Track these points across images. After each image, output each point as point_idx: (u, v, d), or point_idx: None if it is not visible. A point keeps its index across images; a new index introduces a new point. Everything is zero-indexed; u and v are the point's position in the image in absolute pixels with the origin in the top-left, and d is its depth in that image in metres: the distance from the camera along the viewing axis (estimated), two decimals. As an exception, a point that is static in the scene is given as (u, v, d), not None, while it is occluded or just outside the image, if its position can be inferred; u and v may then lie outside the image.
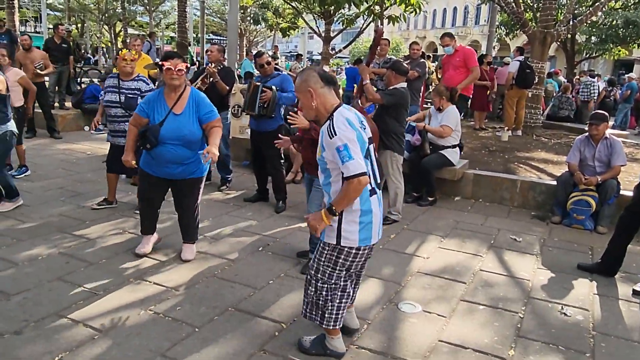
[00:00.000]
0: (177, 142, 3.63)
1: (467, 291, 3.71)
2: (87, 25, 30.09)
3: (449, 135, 5.73)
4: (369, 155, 2.61)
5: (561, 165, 6.65)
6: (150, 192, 3.90)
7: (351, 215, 2.53)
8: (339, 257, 2.61)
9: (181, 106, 3.68)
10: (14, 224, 4.55)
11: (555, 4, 9.47)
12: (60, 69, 9.70)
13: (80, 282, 3.52)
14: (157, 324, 3.04)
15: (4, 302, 3.18)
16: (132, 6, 27.26)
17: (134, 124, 3.76)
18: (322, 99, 2.55)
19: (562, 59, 23.89)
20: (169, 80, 3.60)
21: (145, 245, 4.01)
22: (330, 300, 2.64)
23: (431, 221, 5.30)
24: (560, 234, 5.10)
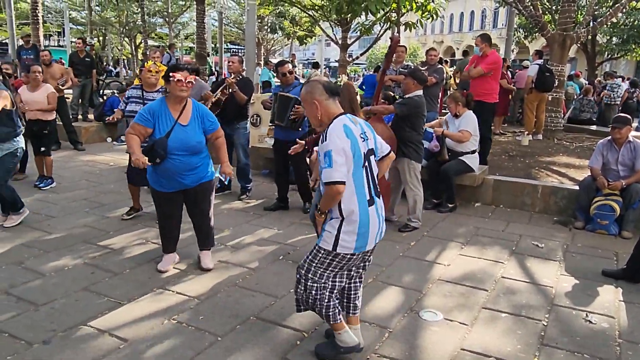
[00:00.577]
0: (185, 152, 3.66)
1: (489, 299, 3.68)
2: (109, 38, 30.68)
3: (468, 140, 5.69)
4: (368, 166, 2.67)
5: (583, 170, 6.55)
6: (168, 209, 3.89)
7: (351, 226, 2.61)
8: (332, 261, 2.69)
9: (186, 117, 3.69)
10: (40, 235, 4.67)
11: (574, 5, 9.35)
12: (83, 82, 9.96)
13: (105, 292, 3.59)
14: (181, 333, 3.08)
15: (33, 312, 3.27)
16: (152, 18, 27.77)
17: (134, 133, 3.61)
18: (326, 109, 2.65)
19: (583, 60, 23.54)
20: (177, 92, 3.59)
21: (169, 264, 3.99)
22: (319, 299, 2.72)
23: (451, 228, 5.27)
24: (583, 240, 5.02)
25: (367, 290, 3.73)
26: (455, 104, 5.82)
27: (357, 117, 2.79)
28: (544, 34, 9.23)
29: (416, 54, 39.01)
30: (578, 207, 5.44)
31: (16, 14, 18.74)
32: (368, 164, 2.67)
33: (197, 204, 3.91)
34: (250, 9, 9.25)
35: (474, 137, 5.77)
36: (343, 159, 2.51)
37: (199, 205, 3.93)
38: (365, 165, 2.64)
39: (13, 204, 4.88)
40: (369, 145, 2.69)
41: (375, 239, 2.73)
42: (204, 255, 4.07)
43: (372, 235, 2.68)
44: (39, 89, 6.35)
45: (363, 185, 2.62)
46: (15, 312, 3.27)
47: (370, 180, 2.67)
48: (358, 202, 2.60)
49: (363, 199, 2.61)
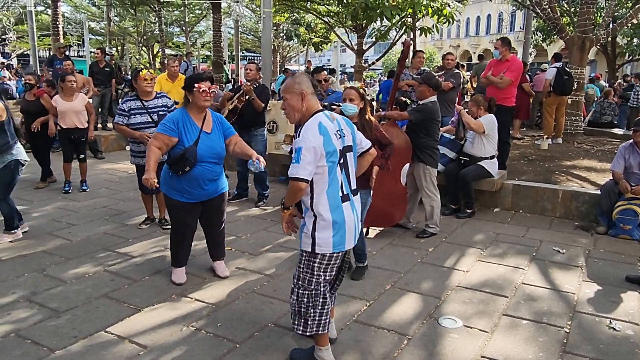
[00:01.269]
0: (212, 159, 3.71)
1: (509, 305, 3.63)
2: (127, 47, 31.22)
3: (479, 130, 5.59)
4: (344, 163, 2.70)
5: (605, 173, 6.45)
6: (188, 220, 3.86)
7: (324, 223, 2.62)
8: (314, 263, 2.68)
9: (209, 125, 3.75)
10: (62, 243, 4.75)
11: (593, 7, 9.23)
12: (103, 91, 10.15)
13: (125, 299, 3.64)
14: (199, 340, 3.10)
15: (55, 319, 3.33)
16: (169, 28, 28.20)
17: (158, 146, 3.58)
18: (309, 103, 2.67)
19: (603, 62, 23.21)
20: (202, 102, 3.63)
21: (182, 276, 3.94)
22: (312, 307, 2.70)
23: (470, 233, 5.23)
24: (606, 245, 4.94)
25: (385, 296, 3.73)
26: (477, 107, 5.79)
27: (335, 114, 2.81)
28: (563, 36, 9.13)
29: (432, 59, 38.85)
30: (600, 211, 5.35)
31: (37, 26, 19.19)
32: (344, 161, 2.69)
33: (216, 214, 3.94)
34: (266, 17, 9.33)
35: (492, 141, 5.72)
36: (312, 157, 2.53)
37: (217, 215, 3.96)
38: (341, 162, 2.67)
39: (10, 222, 4.78)
40: (345, 142, 2.70)
41: (353, 237, 2.75)
42: (219, 265, 4.10)
43: (349, 232, 2.70)
44: (75, 98, 6.56)
45: (337, 182, 2.66)
46: (37, 318, 3.32)
47: (345, 177, 2.71)
48: (331, 199, 2.63)
49: (336, 196, 2.65)
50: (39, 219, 5.48)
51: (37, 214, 5.70)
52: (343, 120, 2.78)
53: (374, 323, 3.33)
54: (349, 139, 2.75)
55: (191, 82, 3.65)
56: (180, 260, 3.96)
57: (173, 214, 3.89)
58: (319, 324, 2.70)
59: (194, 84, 3.61)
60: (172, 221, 3.99)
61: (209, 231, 4.03)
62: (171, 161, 3.60)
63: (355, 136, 2.83)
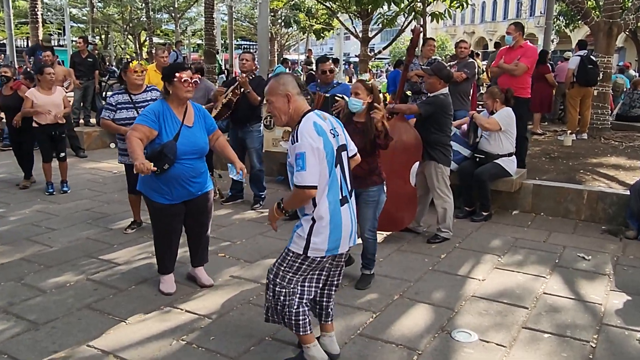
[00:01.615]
0: (194, 155, 3.70)
1: (529, 317, 3.62)
2: (111, 36, 31.31)
3: (494, 129, 5.59)
4: (340, 163, 2.77)
5: (635, 172, 6.44)
6: (173, 224, 3.83)
7: (322, 227, 2.70)
8: (302, 265, 2.77)
9: (190, 118, 3.73)
10: (41, 249, 4.76)
11: (621, -10, 9.23)
12: (85, 84, 10.18)
13: (110, 310, 3.64)
14: (190, 355, 3.10)
15: (33, 332, 3.33)
16: (157, 14, 28.24)
17: (139, 137, 3.49)
18: (297, 104, 2.73)
19: (633, 50, 23.15)
20: (184, 93, 3.60)
21: (172, 285, 3.92)
22: (288, 305, 2.78)
23: (486, 238, 5.22)
24: (636, 251, 4.92)
25: (393, 307, 3.73)
26: (493, 100, 5.77)
27: (326, 113, 2.88)
28: (588, 21, 9.11)
29: (445, 47, 38.79)
30: (630, 214, 5.34)
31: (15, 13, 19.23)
32: (340, 160, 2.77)
33: (201, 215, 3.92)
34: (262, 2, 9.34)
35: (510, 137, 5.71)
36: (317, 160, 2.60)
37: (202, 216, 3.94)
38: (337, 162, 2.74)
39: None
40: (339, 141, 2.78)
41: (348, 241, 2.83)
42: (201, 272, 4.07)
43: (345, 237, 2.78)
44: (54, 91, 6.62)
45: (337, 184, 2.73)
46: (14, 331, 3.33)
47: (342, 178, 2.78)
48: (331, 202, 2.70)
49: (335, 199, 2.72)
50: (16, 223, 5.50)
51: (15, 217, 5.72)
52: (334, 119, 2.87)
53: (380, 337, 3.33)
54: (342, 137, 2.85)
55: (171, 71, 3.61)
56: (167, 266, 3.94)
57: (155, 217, 3.85)
58: (297, 324, 2.79)
59: (174, 73, 3.56)
60: (154, 225, 3.93)
61: (194, 234, 3.99)
62: (149, 158, 3.48)
63: (346, 135, 2.92)
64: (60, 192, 6.66)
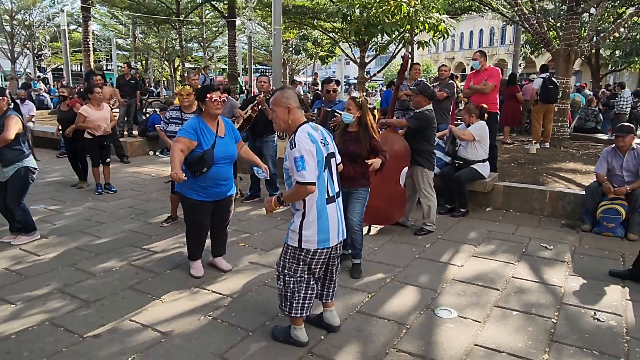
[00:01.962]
0: (226, 160, 3.75)
1: (500, 297, 3.60)
2: (150, 61, 31.40)
3: (469, 139, 5.59)
4: (329, 167, 2.79)
5: (589, 175, 6.39)
6: (204, 218, 3.84)
7: (311, 222, 2.71)
8: (300, 256, 2.76)
9: (222, 130, 3.77)
10: (91, 240, 4.78)
11: (577, 22, 9.16)
12: (128, 102, 10.22)
13: (148, 290, 3.65)
14: (216, 329, 3.11)
15: (85, 309, 3.35)
16: (189, 43, 28.32)
17: (181, 148, 3.55)
18: (295, 116, 2.74)
19: (588, 73, 22.98)
20: (214, 110, 3.65)
21: (201, 269, 3.95)
22: (297, 291, 2.79)
23: (464, 231, 5.20)
24: (590, 242, 4.89)
25: (385, 289, 3.72)
26: (469, 115, 5.77)
27: (319, 125, 2.89)
28: (550, 49, 9.06)
29: (429, 70, 38.65)
30: (585, 211, 5.31)
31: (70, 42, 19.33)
32: (329, 166, 2.79)
33: (225, 213, 3.96)
34: (276, 33, 9.35)
35: (483, 146, 5.69)
36: (313, 161, 2.62)
37: (226, 214, 3.97)
38: (326, 167, 2.75)
39: (26, 225, 4.66)
40: (329, 149, 2.81)
41: (337, 235, 2.83)
42: (220, 261, 4.09)
43: (332, 231, 2.77)
44: (102, 107, 6.65)
45: (324, 185, 2.73)
46: (69, 308, 3.35)
47: (330, 180, 2.79)
48: (318, 200, 2.70)
49: (322, 197, 2.72)
50: (70, 218, 5.52)
51: (69, 213, 5.74)
52: (325, 131, 2.89)
53: (375, 313, 3.32)
54: (332, 146, 2.87)
55: (203, 92, 3.66)
56: (196, 253, 3.96)
57: (189, 211, 3.87)
58: (302, 306, 2.81)
59: (206, 94, 3.63)
60: (187, 219, 3.94)
61: (218, 229, 4.00)
62: (190, 163, 3.60)
63: (334, 145, 2.93)
64: (110, 192, 6.69)
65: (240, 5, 16.85)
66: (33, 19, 29.44)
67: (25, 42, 30.30)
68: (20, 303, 3.41)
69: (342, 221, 2.89)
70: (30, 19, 29.26)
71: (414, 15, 8.18)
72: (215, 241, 4.06)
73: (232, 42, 15.95)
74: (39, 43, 30.69)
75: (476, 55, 6.83)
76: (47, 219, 5.46)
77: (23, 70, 30.67)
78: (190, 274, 3.92)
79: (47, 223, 5.29)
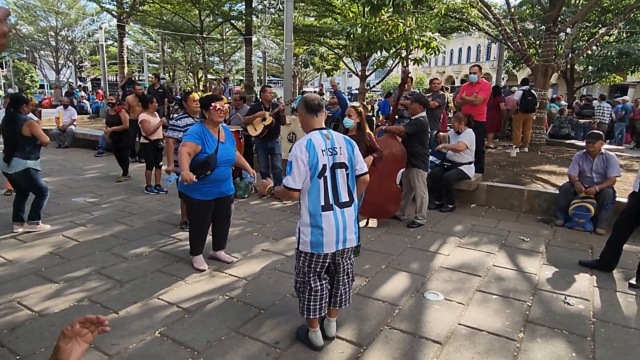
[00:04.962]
0: (227, 164, 3.64)
1: (482, 283, 3.61)
2: (177, 73, 31.51)
3: (463, 149, 5.60)
4: (332, 176, 2.47)
5: (563, 177, 6.36)
6: (206, 214, 3.71)
7: (304, 227, 2.51)
8: (300, 257, 2.58)
9: (223, 136, 3.65)
10: (124, 228, 4.82)
11: (554, 40, 9.10)
12: (157, 108, 10.25)
13: (174, 272, 3.68)
14: (232, 307, 3.14)
15: (119, 288, 3.39)
16: (211, 57, 28.38)
17: (188, 151, 3.42)
18: (305, 122, 2.61)
19: (563, 86, 22.80)
20: (216, 118, 3.51)
21: (203, 262, 3.81)
22: (301, 292, 2.60)
23: (451, 225, 5.20)
24: (563, 235, 4.87)
25: (381, 274, 3.73)
26: (459, 123, 5.76)
27: (334, 133, 2.57)
28: (529, 64, 9.02)
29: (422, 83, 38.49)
30: (558, 208, 5.28)
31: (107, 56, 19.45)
32: (332, 175, 2.47)
33: (226, 210, 3.82)
34: (287, 49, 9.39)
35: (469, 151, 5.69)
36: (300, 169, 2.41)
37: (227, 211, 3.84)
38: (325, 176, 2.45)
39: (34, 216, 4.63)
40: (337, 159, 2.48)
41: (336, 243, 2.49)
42: (221, 254, 3.95)
43: (328, 238, 2.46)
44: (156, 115, 6.51)
45: (319, 193, 2.44)
46: (105, 287, 3.39)
47: (332, 190, 2.48)
48: (312, 207, 2.46)
49: (317, 205, 2.45)
50: (106, 209, 5.57)
51: (106, 204, 5.79)
52: (344, 141, 2.56)
53: (371, 295, 3.34)
54: (344, 157, 2.51)
55: (208, 101, 3.51)
56: (198, 249, 3.81)
57: (192, 211, 3.73)
58: (308, 308, 2.56)
59: (211, 103, 3.50)
60: (190, 217, 3.80)
61: (219, 224, 3.85)
62: (195, 166, 3.44)
63: (352, 157, 2.56)
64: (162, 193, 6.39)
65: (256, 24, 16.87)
66: (75, 35, 29.66)
67: (68, 55, 30.53)
68: (62, 282, 3.46)
69: (345, 230, 2.51)
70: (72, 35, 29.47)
71: (409, 33, 8.16)
72: (217, 235, 3.91)
73: (248, 57, 15.96)
74: (80, 56, 30.92)
75: (475, 69, 6.75)
76: (86, 209, 5.51)
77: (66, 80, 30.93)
78: (195, 268, 3.75)
79: (86, 213, 5.34)
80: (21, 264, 3.79)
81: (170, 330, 2.80)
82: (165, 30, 21.17)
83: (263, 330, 2.83)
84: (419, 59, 9.60)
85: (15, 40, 28.22)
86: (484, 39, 27.46)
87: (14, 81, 30.01)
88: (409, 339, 2.76)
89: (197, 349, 2.61)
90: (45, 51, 30.51)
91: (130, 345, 2.64)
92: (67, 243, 4.33)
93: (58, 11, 26.79)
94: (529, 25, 16.14)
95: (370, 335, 2.79)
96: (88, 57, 31.72)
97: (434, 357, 2.58)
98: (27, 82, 31.73)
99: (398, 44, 8.72)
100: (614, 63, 17.36)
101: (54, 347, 1.09)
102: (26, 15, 26.39)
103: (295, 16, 15.77)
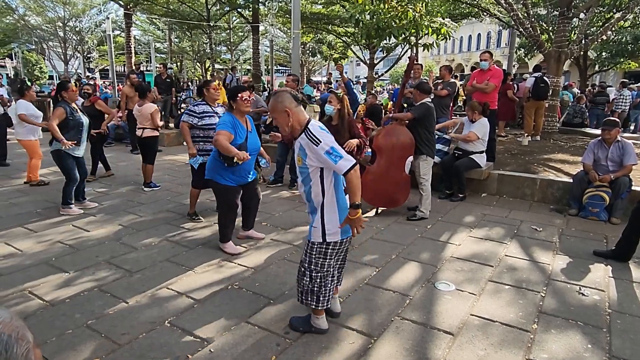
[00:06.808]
0: (255, 152, 3.83)
1: (494, 273, 3.55)
2: (184, 63, 31.45)
3: (472, 140, 5.50)
4: None
5: (576, 165, 6.23)
6: (235, 200, 3.82)
7: (333, 215, 2.43)
8: (327, 250, 2.50)
9: (249, 126, 3.81)
10: (133, 218, 4.83)
11: (568, 26, 8.85)
12: (165, 98, 10.27)
13: (183, 262, 3.68)
14: (241, 296, 3.13)
15: (128, 278, 3.39)
16: (218, 47, 28.25)
17: (227, 139, 3.48)
18: (297, 116, 2.41)
19: (576, 72, 22.32)
20: (244, 108, 3.65)
21: (235, 247, 3.91)
22: (324, 285, 2.55)
23: (462, 214, 5.12)
24: (577, 225, 4.78)
25: (391, 264, 3.69)
26: (473, 112, 5.66)
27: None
28: (542, 51, 8.79)
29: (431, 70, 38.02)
30: (572, 197, 5.18)
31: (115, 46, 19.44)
32: None
33: (254, 192, 4.04)
34: (295, 37, 9.26)
35: (482, 140, 5.59)
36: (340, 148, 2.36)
37: (255, 194, 4.07)
38: None
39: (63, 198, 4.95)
40: None
41: None
42: (252, 232, 4.23)
43: None
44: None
45: (339, 176, 2.42)
46: (115, 277, 3.40)
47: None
48: (338, 192, 2.44)
49: (341, 188, 2.46)
50: (116, 199, 5.59)
51: (115, 195, 5.81)
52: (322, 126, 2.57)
53: (381, 285, 3.31)
54: None
55: (235, 92, 3.64)
56: (228, 234, 3.89)
57: (222, 196, 3.80)
58: (324, 299, 2.58)
59: (238, 93, 3.62)
60: (220, 203, 3.86)
61: (249, 207, 4.09)
62: (227, 155, 3.50)
63: None
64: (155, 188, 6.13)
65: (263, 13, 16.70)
66: (83, 26, 29.67)
67: (76, 46, 30.59)
68: (73, 272, 3.47)
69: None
70: (80, 25, 29.48)
71: (419, 19, 7.99)
72: (247, 216, 4.14)
73: (256, 45, 15.85)
74: (88, 47, 30.97)
75: (485, 56, 6.60)
76: (95, 199, 5.53)
77: (74, 70, 31.04)
78: (228, 253, 3.82)
79: (96, 203, 5.36)
80: (32, 254, 3.82)
81: (179, 320, 2.80)
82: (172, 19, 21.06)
83: (272, 320, 2.82)
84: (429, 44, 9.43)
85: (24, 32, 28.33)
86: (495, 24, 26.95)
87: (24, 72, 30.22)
88: (420, 330, 2.72)
89: (206, 339, 2.60)
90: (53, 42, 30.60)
91: (140, 334, 2.64)
92: (77, 233, 4.35)
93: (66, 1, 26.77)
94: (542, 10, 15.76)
95: (381, 326, 2.76)
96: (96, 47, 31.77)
97: (446, 348, 2.55)
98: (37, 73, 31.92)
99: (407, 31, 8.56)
100: (629, 49, 16.92)
101: None
102: (34, 5, 26.42)
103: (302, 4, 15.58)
